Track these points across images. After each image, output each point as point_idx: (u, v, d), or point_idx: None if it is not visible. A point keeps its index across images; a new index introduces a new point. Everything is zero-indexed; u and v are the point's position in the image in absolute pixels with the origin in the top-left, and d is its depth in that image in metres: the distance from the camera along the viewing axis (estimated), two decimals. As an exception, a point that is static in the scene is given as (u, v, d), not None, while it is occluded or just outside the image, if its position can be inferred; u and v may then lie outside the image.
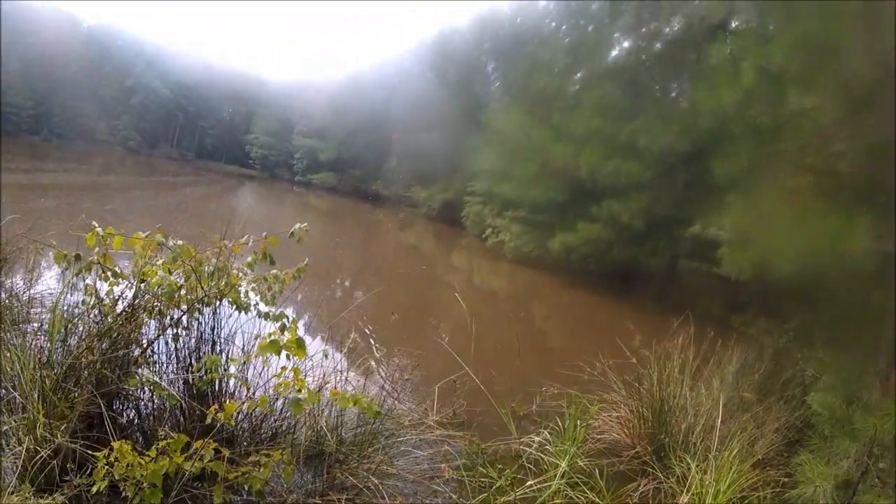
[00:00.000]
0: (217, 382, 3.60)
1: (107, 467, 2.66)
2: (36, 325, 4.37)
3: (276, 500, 3.25)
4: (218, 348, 3.78)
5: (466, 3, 70.95)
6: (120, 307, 3.46)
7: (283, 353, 3.18)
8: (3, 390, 3.32)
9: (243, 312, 3.69)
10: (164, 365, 3.70)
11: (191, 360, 3.69)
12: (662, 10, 17.81)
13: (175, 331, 3.64)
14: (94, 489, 2.67)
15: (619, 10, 19.71)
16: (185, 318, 3.63)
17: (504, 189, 21.12)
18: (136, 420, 3.56)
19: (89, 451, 2.86)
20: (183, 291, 3.44)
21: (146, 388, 3.48)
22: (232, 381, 3.70)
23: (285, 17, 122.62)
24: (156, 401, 3.57)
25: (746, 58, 11.56)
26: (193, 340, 3.74)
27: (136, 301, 3.47)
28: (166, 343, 3.71)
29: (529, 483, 3.36)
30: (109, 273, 3.43)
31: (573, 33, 22.94)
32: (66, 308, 3.48)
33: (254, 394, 3.62)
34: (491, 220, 24.07)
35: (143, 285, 3.46)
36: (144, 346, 3.56)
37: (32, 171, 28.33)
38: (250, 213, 25.31)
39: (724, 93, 12.13)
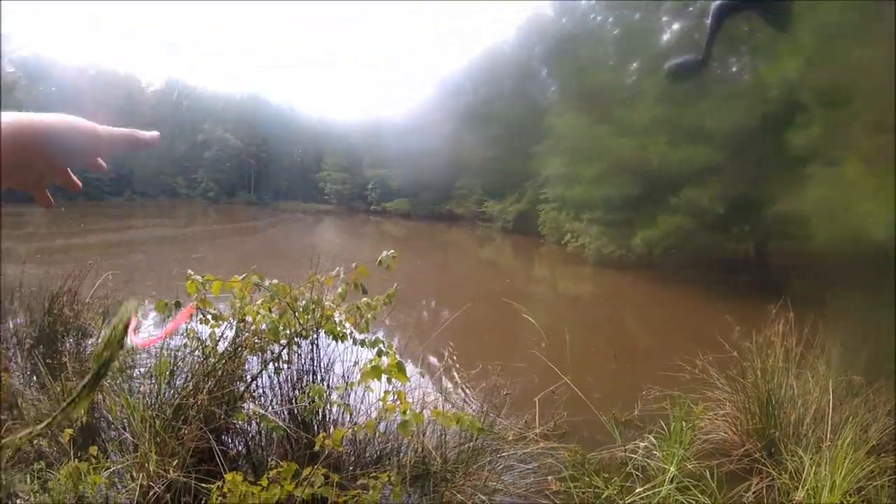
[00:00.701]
0: (320, 411, 3.74)
1: (220, 498, 2.76)
2: (142, 369, 4.74)
3: (385, 522, 3.30)
4: (319, 378, 3.95)
5: (511, 7, 71.08)
6: (221, 347, 3.70)
7: (384, 377, 3.27)
8: (115, 432, 3.59)
9: (340, 342, 3.81)
10: (269, 398, 3.89)
11: (293, 391, 3.86)
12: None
13: (276, 364, 3.82)
14: None
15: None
16: (284, 353, 3.82)
17: (576, 192, 20.91)
18: (245, 452, 3.72)
19: (202, 485, 3.00)
20: (281, 327, 3.59)
21: (253, 422, 3.67)
22: (335, 408, 3.83)
23: (339, 58, 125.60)
24: (263, 432, 3.73)
25: (803, 19, 11.14)
26: (295, 372, 3.92)
27: (238, 340, 3.70)
28: (269, 377, 3.90)
29: (638, 490, 3.30)
30: (209, 316, 3.66)
31: (620, 24, 22.64)
32: (169, 352, 3.74)
33: (357, 419, 3.76)
34: (568, 224, 23.83)
35: (243, 325, 3.69)
36: (248, 381, 3.77)
37: (120, 229, 30.09)
38: (332, 246, 25.95)
39: (785, 61, 11.69)
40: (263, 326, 3.56)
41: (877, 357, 5.54)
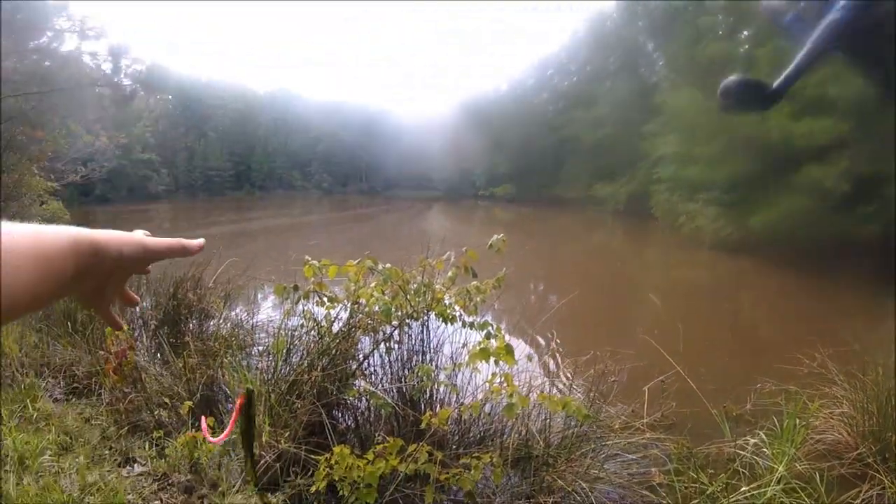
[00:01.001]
0: (428, 390, 3.90)
1: (327, 469, 2.89)
2: (261, 347, 5.12)
3: (484, 502, 3.35)
4: (428, 358, 4.12)
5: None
6: (336, 328, 3.93)
7: (492, 359, 3.35)
8: (231, 405, 3.86)
9: (449, 324, 3.92)
10: (379, 376, 4.10)
11: (403, 370, 4.03)
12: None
13: (388, 345, 4.02)
14: (313, 489, 2.93)
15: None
16: (395, 333, 4.02)
17: (691, 172, 20.14)
18: (354, 427, 3.91)
19: (311, 456, 3.17)
20: (393, 309, 3.72)
21: (363, 398, 3.85)
22: (442, 388, 3.96)
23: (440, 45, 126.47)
24: (372, 409, 3.91)
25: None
26: (405, 352, 4.09)
27: (352, 321, 3.92)
28: (380, 356, 4.10)
29: (743, 489, 3.21)
30: (325, 299, 3.87)
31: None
32: (287, 331, 4.02)
33: (463, 399, 3.88)
34: (682, 206, 22.93)
35: (357, 307, 3.91)
36: (360, 360, 3.99)
37: (240, 220, 32.13)
38: (442, 231, 26.35)
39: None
40: (377, 308, 3.71)
41: None
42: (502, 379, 3.32)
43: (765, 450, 3.83)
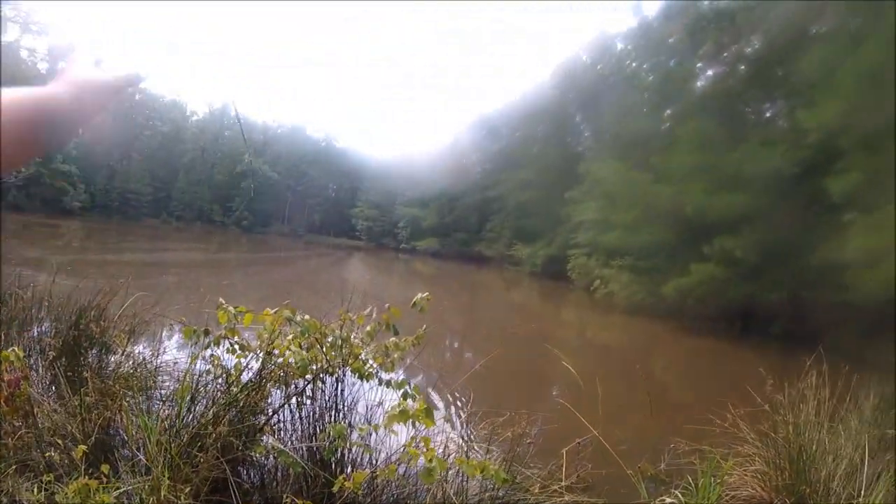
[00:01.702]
0: (340, 450, 3.70)
1: None
2: (163, 391, 4.77)
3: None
4: (341, 416, 3.91)
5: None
6: (245, 377, 3.72)
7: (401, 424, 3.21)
8: (129, 452, 3.53)
9: (365, 381, 3.79)
10: (289, 433, 3.86)
11: (314, 428, 3.83)
12: (741, 29, 17.52)
13: (299, 399, 3.81)
14: None
15: (698, 40, 19.55)
16: (308, 388, 3.82)
17: (609, 238, 20.87)
18: (259, 486, 3.69)
19: None
20: (308, 363, 3.59)
21: (271, 456, 3.62)
22: (355, 448, 3.77)
23: (375, 94, 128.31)
24: (280, 468, 3.69)
25: (841, 63, 11.11)
26: (317, 409, 3.88)
27: (263, 372, 3.70)
28: (290, 412, 3.88)
29: None
30: (237, 346, 3.68)
31: (656, 70, 22.87)
32: (192, 377, 3.76)
33: (378, 460, 3.71)
34: (598, 270, 23.65)
35: (269, 357, 3.71)
36: (270, 414, 3.77)
37: (154, 250, 30.85)
38: (362, 281, 26.12)
39: (824, 105, 11.63)
40: (292, 361, 3.57)
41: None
42: (420, 442, 3.21)
43: (682, 508, 3.82)
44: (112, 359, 5.40)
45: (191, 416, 3.52)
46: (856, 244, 11.18)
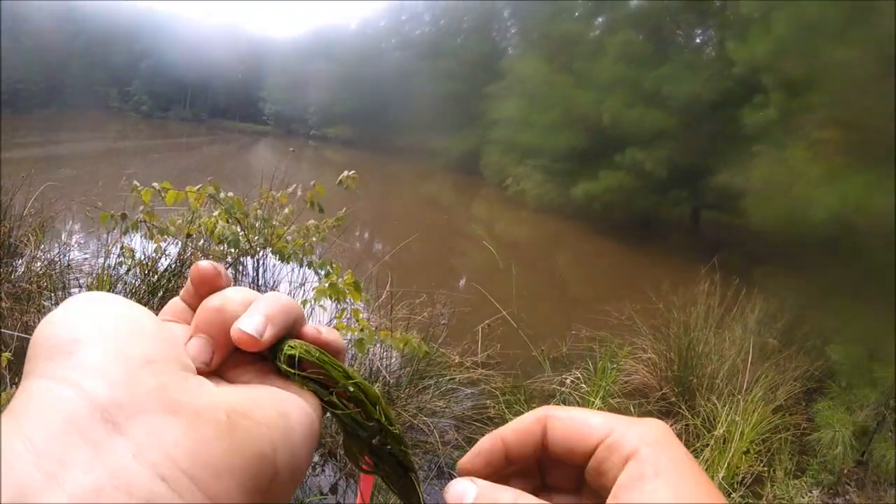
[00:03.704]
0: None
1: None
2: (79, 289, 4.57)
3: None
4: None
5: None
6: (164, 265, 3.63)
7: (328, 300, 3.28)
8: None
9: (287, 262, 3.78)
10: None
11: None
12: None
13: None
14: None
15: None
16: (230, 271, 3.81)
17: (525, 137, 20.95)
18: None
19: None
20: (227, 244, 3.52)
21: None
22: None
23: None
24: None
25: (779, 8, 11.39)
26: None
27: (183, 256, 3.64)
28: None
29: None
30: (155, 230, 3.55)
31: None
32: (110, 269, 3.64)
33: None
34: (511, 168, 23.91)
35: (189, 240, 3.63)
36: None
37: (47, 143, 28.25)
38: (270, 168, 25.29)
39: (756, 43, 11.96)
40: (226, 235, 3.46)
41: (793, 327, 6.00)
42: (350, 315, 3.29)
43: (583, 385, 4.16)
44: (19, 262, 5.04)
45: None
46: (759, 175, 11.89)
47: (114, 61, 63.86)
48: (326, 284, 3.27)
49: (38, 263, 4.80)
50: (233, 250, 3.57)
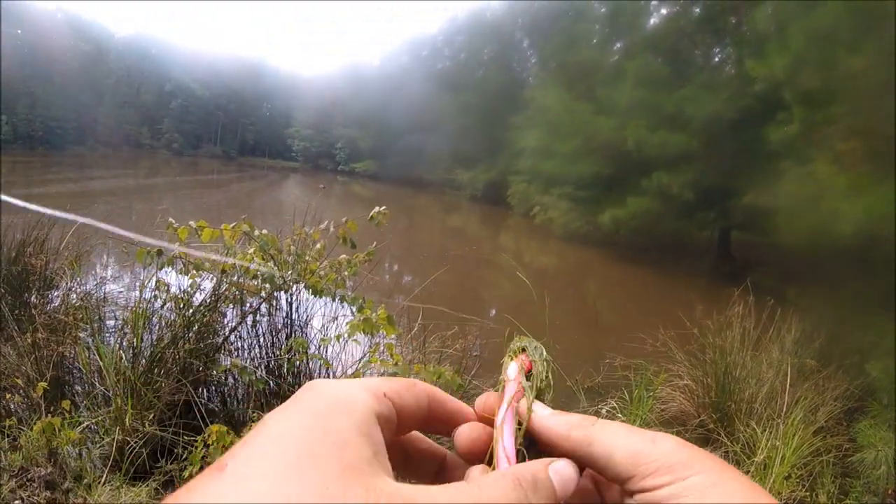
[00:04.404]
0: (299, 364, 3.73)
1: (204, 450, 2.72)
2: (112, 322, 4.66)
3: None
4: (297, 332, 3.93)
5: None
6: (197, 300, 3.69)
7: (361, 334, 3.30)
8: (86, 385, 3.47)
9: (319, 297, 3.75)
10: (245, 351, 3.88)
11: (271, 345, 3.86)
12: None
13: (254, 318, 3.81)
14: (187, 472, 2.76)
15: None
16: (263, 306, 3.83)
17: (549, 166, 21.04)
18: (222, 406, 3.71)
19: (178, 438, 2.99)
20: (260, 280, 3.56)
21: (230, 375, 3.64)
22: (312, 362, 3.80)
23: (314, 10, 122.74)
24: (240, 386, 3.73)
25: (793, 21, 11.39)
26: (274, 325, 3.92)
27: (218, 291, 3.65)
28: (247, 331, 3.87)
29: None
30: (191, 266, 3.57)
31: (609, 3, 22.69)
32: (144, 303, 3.65)
33: (341, 373, 3.77)
34: (537, 197, 23.97)
35: (224, 276, 3.68)
36: (226, 333, 3.74)
37: (82, 179, 29.08)
38: (299, 204, 25.62)
39: (773, 58, 11.94)
40: (261, 272, 3.51)
41: (830, 345, 5.87)
42: (384, 349, 3.30)
43: (619, 415, 4.12)
44: (54, 294, 5.17)
45: (148, 342, 3.47)
46: (787, 191, 11.76)
47: (144, 100, 65.82)
48: (360, 319, 3.31)
49: (74, 295, 4.95)
50: (267, 286, 3.63)
